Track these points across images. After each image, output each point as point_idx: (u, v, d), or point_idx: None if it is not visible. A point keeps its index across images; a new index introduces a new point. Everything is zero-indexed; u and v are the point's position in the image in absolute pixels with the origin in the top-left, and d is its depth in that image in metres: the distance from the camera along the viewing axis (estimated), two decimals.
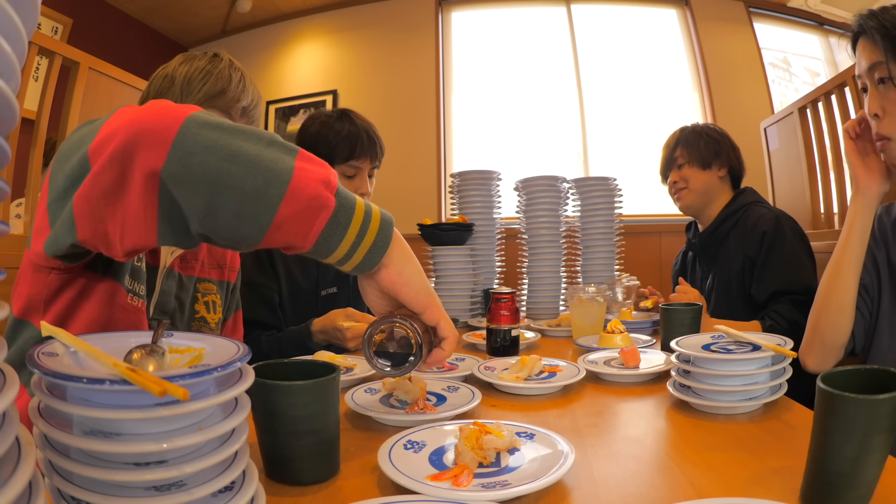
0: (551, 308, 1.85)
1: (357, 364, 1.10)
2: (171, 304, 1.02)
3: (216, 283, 1.15)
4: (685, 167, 1.70)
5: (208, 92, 1.01)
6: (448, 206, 2.41)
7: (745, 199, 1.64)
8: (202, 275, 1.12)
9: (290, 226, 0.55)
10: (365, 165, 1.54)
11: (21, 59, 0.29)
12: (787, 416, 0.77)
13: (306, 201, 0.55)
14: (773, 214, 1.55)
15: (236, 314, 1.24)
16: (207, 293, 1.13)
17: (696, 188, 1.68)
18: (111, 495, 0.39)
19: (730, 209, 1.64)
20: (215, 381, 0.44)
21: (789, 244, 1.48)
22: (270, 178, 0.53)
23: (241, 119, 1.05)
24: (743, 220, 1.60)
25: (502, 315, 1.24)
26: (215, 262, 1.17)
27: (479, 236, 1.90)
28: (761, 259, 1.50)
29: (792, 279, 1.44)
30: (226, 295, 1.19)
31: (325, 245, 0.58)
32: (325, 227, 0.57)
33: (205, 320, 1.11)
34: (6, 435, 0.31)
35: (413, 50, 3.99)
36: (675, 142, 1.75)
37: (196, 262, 1.11)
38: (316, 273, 1.58)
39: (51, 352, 0.43)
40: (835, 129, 2.17)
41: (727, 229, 1.63)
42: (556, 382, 0.93)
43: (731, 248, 1.60)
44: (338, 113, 1.57)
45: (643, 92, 3.82)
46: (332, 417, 0.59)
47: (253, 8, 4.10)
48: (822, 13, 3.83)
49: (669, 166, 1.76)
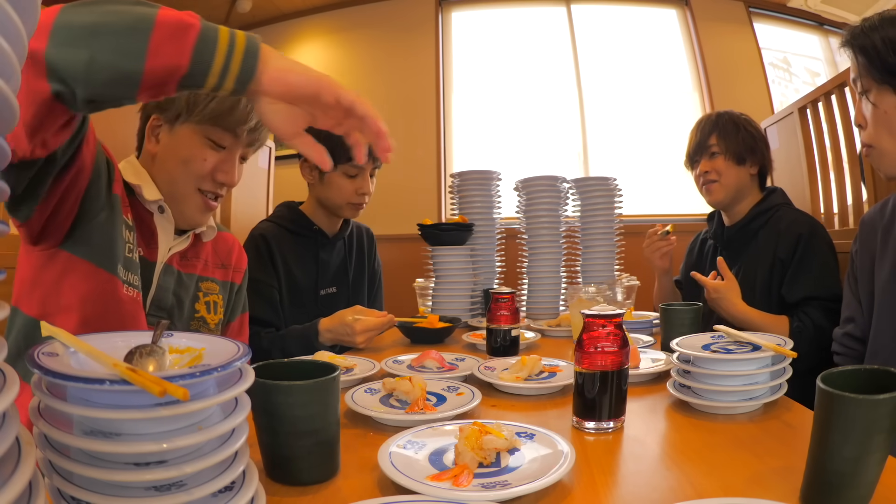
0: (551, 308, 1.85)
1: (357, 364, 1.10)
2: (168, 300, 1.02)
3: (219, 284, 1.15)
4: (719, 157, 1.62)
5: (215, 110, 0.99)
6: (448, 206, 2.41)
7: (776, 200, 1.61)
8: (205, 273, 1.12)
9: (165, 48, 0.59)
10: (367, 165, 1.56)
11: (21, 59, 0.29)
12: (787, 416, 0.77)
13: (174, 25, 0.59)
14: (809, 220, 1.54)
15: (242, 316, 1.24)
16: (209, 293, 1.12)
17: (729, 184, 1.61)
18: (111, 495, 0.39)
19: (761, 207, 1.60)
20: (215, 381, 0.44)
21: (825, 251, 1.48)
22: (140, 17, 0.59)
23: (246, 138, 1.04)
24: (774, 220, 1.57)
25: (502, 315, 1.24)
26: (220, 262, 1.17)
27: (479, 236, 1.90)
28: (795, 261, 1.48)
29: (825, 286, 1.44)
30: (229, 296, 1.18)
31: (202, 58, 0.60)
32: (197, 40, 0.60)
33: (204, 320, 1.10)
34: (6, 435, 0.31)
35: (413, 50, 3.99)
36: (711, 127, 1.65)
37: (198, 260, 1.10)
38: (315, 272, 1.58)
39: (51, 352, 0.43)
40: (835, 129, 2.17)
41: (757, 227, 1.59)
42: (556, 382, 0.93)
43: (760, 246, 1.57)
44: None
45: (643, 92, 3.82)
46: (332, 417, 0.59)
47: (253, 8, 4.10)
48: (822, 13, 3.83)
49: (701, 152, 1.65)
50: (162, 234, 1.02)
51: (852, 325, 1.19)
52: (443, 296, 1.78)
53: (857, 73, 1.03)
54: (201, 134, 1.00)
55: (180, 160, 1.00)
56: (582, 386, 0.74)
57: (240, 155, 1.06)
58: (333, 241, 1.64)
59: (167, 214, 1.02)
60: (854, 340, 1.18)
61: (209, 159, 1.01)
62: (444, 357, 1.12)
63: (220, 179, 1.03)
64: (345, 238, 1.68)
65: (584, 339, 0.73)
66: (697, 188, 1.71)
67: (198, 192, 1.03)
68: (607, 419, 0.73)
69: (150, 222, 1.01)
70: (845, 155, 2.13)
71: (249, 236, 1.55)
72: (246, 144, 1.05)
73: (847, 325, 1.20)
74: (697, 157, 1.67)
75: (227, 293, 1.17)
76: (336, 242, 1.65)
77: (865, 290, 1.15)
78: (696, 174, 1.68)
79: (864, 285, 1.15)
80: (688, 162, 1.74)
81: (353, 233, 1.72)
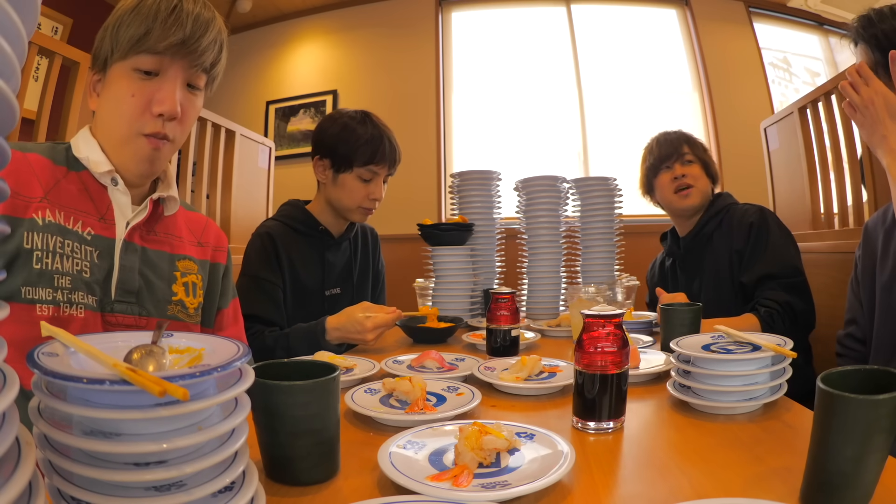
0: (551, 308, 1.85)
1: (357, 364, 1.10)
2: (134, 281, 0.93)
3: (197, 262, 1.05)
4: (695, 165, 1.66)
5: (134, 35, 0.86)
6: (448, 206, 2.41)
7: (723, 202, 1.66)
8: (179, 251, 1.02)
9: None
10: (382, 171, 1.56)
11: (21, 59, 0.29)
12: (787, 416, 0.77)
13: None
14: (757, 207, 1.59)
15: (234, 301, 1.15)
16: (188, 272, 1.03)
17: (703, 191, 1.66)
18: (111, 495, 0.39)
19: (710, 212, 1.64)
20: (215, 381, 0.44)
21: (775, 231, 1.52)
22: None
23: (180, 58, 0.88)
24: (727, 220, 1.61)
25: (502, 315, 1.24)
26: (194, 240, 1.07)
27: (479, 236, 1.90)
28: (750, 247, 1.52)
29: (780, 264, 1.47)
30: (210, 277, 1.08)
31: None
32: None
33: (182, 304, 1.01)
34: (6, 435, 0.31)
35: (413, 50, 3.99)
36: (682, 139, 1.69)
37: (168, 236, 1.01)
38: (322, 274, 1.57)
39: (51, 352, 0.43)
40: (835, 129, 2.16)
41: (710, 231, 1.63)
42: (556, 382, 0.93)
43: (717, 248, 1.61)
44: (360, 115, 1.56)
45: (643, 92, 3.82)
46: (332, 417, 0.59)
47: (253, 8, 4.10)
48: (822, 13, 3.83)
49: (675, 158, 1.67)
50: (118, 209, 0.93)
51: (854, 327, 1.19)
52: (443, 296, 1.78)
53: (873, 62, 1.01)
54: (129, 67, 0.87)
55: (113, 104, 0.89)
56: (582, 386, 0.74)
57: (184, 80, 0.91)
58: (339, 242, 1.63)
59: (121, 186, 0.93)
60: (856, 342, 1.19)
61: (139, 93, 0.88)
62: (444, 357, 1.12)
63: (156, 111, 0.88)
64: (350, 238, 1.68)
65: (584, 339, 0.73)
66: (665, 197, 1.70)
67: (140, 137, 0.89)
68: (607, 419, 0.73)
69: (105, 196, 0.92)
70: (845, 155, 2.12)
71: (255, 234, 1.54)
72: (186, 66, 0.90)
73: (849, 327, 1.21)
74: (670, 163, 1.68)
75: (207, 273, 1.08)
76: (342, 243, 1.65)
77: (867, 293, 1.15)
78: (668, 177, 1.67)
79: (866, 288, 1.16)
80: (651, 170, 1.73)
81: (357, 233, 1.72)
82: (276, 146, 3.12)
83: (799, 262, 1.49)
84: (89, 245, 0.88)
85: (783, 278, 1.44)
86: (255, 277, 1.45)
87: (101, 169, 0.90)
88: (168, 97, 0.88)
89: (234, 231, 2.53)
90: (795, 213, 2.37)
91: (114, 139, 0.91)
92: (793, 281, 1.43)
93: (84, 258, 0.87)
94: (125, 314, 0.91)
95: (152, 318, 0.95)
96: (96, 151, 0.91)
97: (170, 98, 0.88)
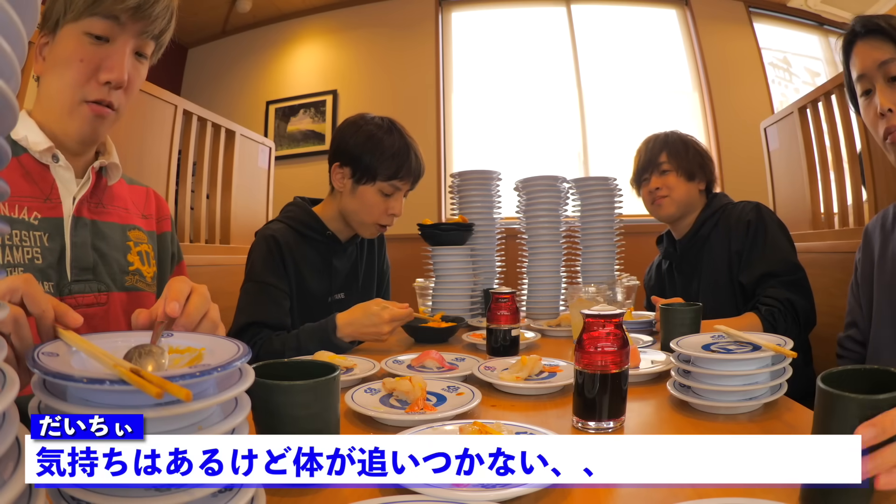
0: (551, 308, 1.85)
1: (357, 364, 1.10)
2: (88, 257, 0.91)
3: (146, 234, 1.05)
4: (671, 174, 1.64)
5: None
6: (448, 206, 2.41)
7: (719, 202, 1.64)
8: (128, 221, 1.01)
9: None
10: (405, 187, 1.50)
11: (21, 59, 0.30)
12: (788, 416, 0.77)
13: None
14: (753, 205, 1.57)
15: (179, 265, 1.14)
16: (140, 242, 1.02)
17: (679, 199, 1.63)
18: (111, 495, 0.39)
19: (706, 213, 1.63)
20: (215, 381, 0.44)
21: (773, 229, 1.51)
22: None
23: (132, 24, 0.86)
24: (723, 220, 1.60)
25: (502, 315, 1.24)
26: (139, 212, 1.06)
27: (479, 236, 1.90)
28: (748, 246, 1.51)
29: (779, 261, 1.46)
30: (158, 248, 1.08)
31: None
32: None
33: (140, 273, 1.00)
34: (6, 435, 0.31)
35: (413, 50, 3.99)
36: (661, 146, 1.68)
37: (115, 207, 1.00)
38: (328, 280, 1.53)
39: (51, 352, 0.43)
40: (835, 129, 2.16)
41: (707, 232, 1.62)
42: (556, 382, 0.93)
43: (714, 249, 1.60)
44: (386, 124, 1.50)
45: (643, 92, 3.82)
46: (332, 417, 0.59)
47: (253, 8, 4.10)
48: (822, 13, 3.83)
49: (651, 169, 1.67)
50: (62, 186, 0.91)
51: (854, 329, 1.20)
52: (443, 296, 1.78)
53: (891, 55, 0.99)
54: (80, 30, 0.85)
55: (61, 68, 0.86)
56: (582, 386, 0.73)
57: (133, 48, 0.89)
58: (345, 247, 1.58)
59: (63, 162, 0.91)
60: (856, 344, 1.19)
61: (87, 58, 0.85)
62: (444, 357, 1.12)
63: (104, 78, 0.86)
64: (357, 242, 1.63)
65: (584, 339, 0.73)
66: (646, 206, 1.72)
67: (84, 104, 0.87)
68: (607, 419, 0.73)
69: (47, 175, 0.90)
70: (845, 155, 2.12)
71: (259, 236, 1.47)
72: (136, 33, 0.87)
73: (850, 330, 1.22)
74: (647, 175, 1.69)
75: (156, 244, 1.07)
76: (348, 248, 1.59)
77: (867, 295, 1.16)
78: (646, 191, 1.69)
79: (866, 290, 1.16)
80: (634, 181, 1.75)
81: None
82: (276, 146, 3.12)
83: (795, 257, 1.49)
84: (37, 230, 0.87)
85: (783, 276, 1.43)
86: (260, 283, 1.40)
87: (41, 147, 0.88)
88: (117, 65, 0.86)
89: (234, 231, 2.53)
90: (795, 213, 2.37)
91: (57, 105, 0.89)
92: (793, 278, 1.43)
93: (34, 244, 0.86)
94: (84, 293, 0.90)
95: (112, 293, 0.94)
96: (34, 131, 0.89)
97: (119, 66, 0.86)
